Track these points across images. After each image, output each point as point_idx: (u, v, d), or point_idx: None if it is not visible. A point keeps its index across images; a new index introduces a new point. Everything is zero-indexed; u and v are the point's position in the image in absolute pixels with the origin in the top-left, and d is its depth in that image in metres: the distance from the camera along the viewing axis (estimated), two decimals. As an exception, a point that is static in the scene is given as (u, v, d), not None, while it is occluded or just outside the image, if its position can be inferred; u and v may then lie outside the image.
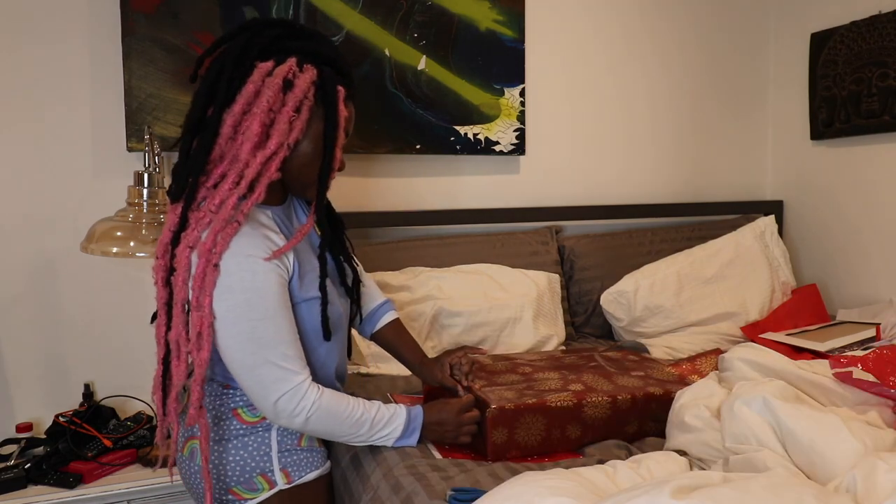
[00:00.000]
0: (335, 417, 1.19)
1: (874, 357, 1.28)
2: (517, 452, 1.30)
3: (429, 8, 2.09)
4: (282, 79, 1.12)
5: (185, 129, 1.16)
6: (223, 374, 1.23)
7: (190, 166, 1.14)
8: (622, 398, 1.36)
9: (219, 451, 1.22)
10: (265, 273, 1.13)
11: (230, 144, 1.14)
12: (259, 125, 1.11)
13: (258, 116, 1.11)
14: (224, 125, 1.13)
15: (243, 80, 1.13)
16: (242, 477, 1.21)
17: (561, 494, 0.93)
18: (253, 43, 1.14)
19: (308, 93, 1.15)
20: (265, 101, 1.11)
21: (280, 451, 1.23)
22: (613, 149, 2.47)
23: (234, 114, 1.12)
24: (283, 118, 1.13)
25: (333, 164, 1.21)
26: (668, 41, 2.51)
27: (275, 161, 1.13)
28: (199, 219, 1.13)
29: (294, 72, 1.14)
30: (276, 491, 1.22)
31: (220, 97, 1.13)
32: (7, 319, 1.81)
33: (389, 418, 1.26)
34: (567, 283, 2.24)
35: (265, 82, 1.12)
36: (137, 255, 1.62)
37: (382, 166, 2.16)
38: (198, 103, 1.15)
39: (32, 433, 1.77)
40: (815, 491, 0.88)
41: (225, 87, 1.13)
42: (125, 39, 1.79)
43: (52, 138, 1.82)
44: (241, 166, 1.12)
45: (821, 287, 2.40)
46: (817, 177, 2.50)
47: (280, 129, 1.13)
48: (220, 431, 1.22)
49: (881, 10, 2.20)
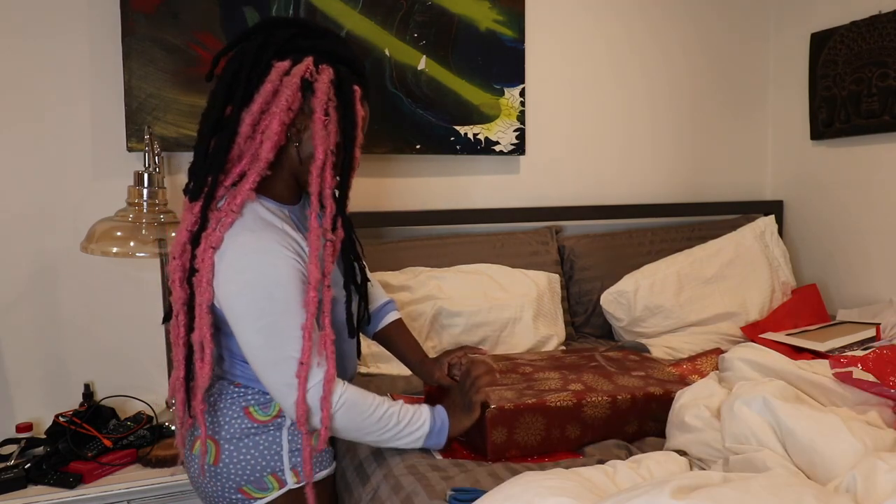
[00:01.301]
0: (362, 413, 1.16)
1: (874, 357, 1.28)
2: (517, 452, 1.30)
3: (429, 8, 2.09)
4: (300, 78, 1.13)
5: (203, 128, 1.17)
6: (243, 374, 1.23)
7: (209, 165, 1.15)
8: (622, 398, 1.36)
9: (229, 450, 1.21)
10: (286, 267, 1.12)
11: (249, 143, 1.15)
12: (279, 124, 1.12)
13: (277, 115, 1.12)
14: (243, 124, 1.14)
15: (261, 79, 1.14)
16: (253, 476, 1.21)
17: (561, 494, 0.93)
18: (269, 42, 1.15)
19: (330, 94, 1.15)
20: (284, 101, 1.12)
21: (290, 451, 1.23)
22: (613, 149, 2.47)
23: (252, 113, 1.14)
24: (318, 126, 1.14)
25: (354, 164, 1.22)
26: (668, 41, 2.51)
27: (327, 170, 1.15)
28: (219, 218, 1.13)
29: (311, 71, 1.14)
30: (285, 490, 1.22)
31: (237, 97, 1.14)
32: (7, 319, 1.81)
33: (413, 416, 1.23)
34: (567, 283, 2.24)
35: (283, 81, 1.13)
36: (137, 255, 1.63)
37: (382, 166, 2.17)
38: (216, 103, 1.16)
39: (32, 433, 1.77)
40: (815, 491, 0.88)
41: (243, 87, 1.14)
42: (125, 39, 1.79)
43: (52, 138, 1.82)
44: (263, 165, 1.13)
45: (821, 287, 2.40)
46: (817, 177, 2.50)
47: (320, 138, 1.14)
48: (230, 430, 1.22)
49: (881, 10, 2.20)
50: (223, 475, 1.21)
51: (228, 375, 1.25)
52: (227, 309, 1.13)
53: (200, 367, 1.15)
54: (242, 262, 1.10)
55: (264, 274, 1.10)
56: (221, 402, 1.24)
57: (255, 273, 1.10)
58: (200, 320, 1.14)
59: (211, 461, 1.21)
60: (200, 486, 1.26)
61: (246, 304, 1.10)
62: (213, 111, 1.16)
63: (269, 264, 1.11)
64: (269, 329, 1.11)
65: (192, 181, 1.16)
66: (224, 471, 1.21)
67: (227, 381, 1.25)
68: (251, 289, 1.10)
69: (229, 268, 1.11)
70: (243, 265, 1.10)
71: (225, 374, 1.26)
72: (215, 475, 1.22)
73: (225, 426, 1.22)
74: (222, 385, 1.25)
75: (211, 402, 1.24)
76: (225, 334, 1.21)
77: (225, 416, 1.22)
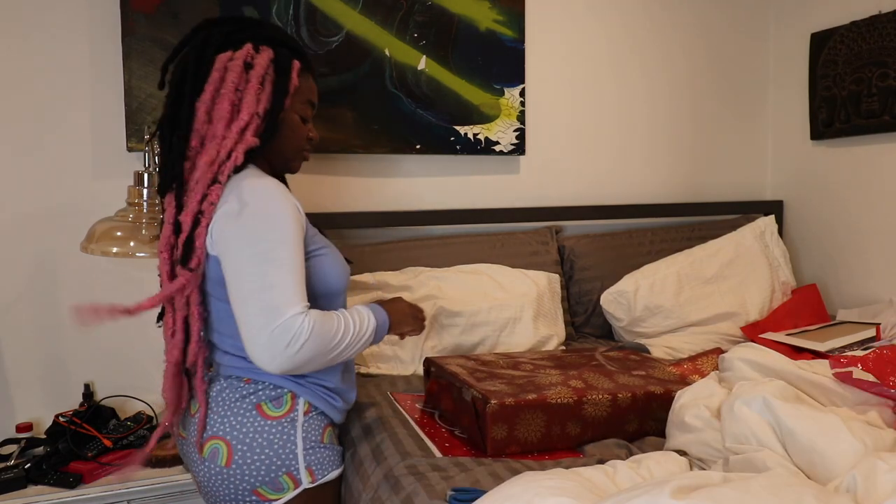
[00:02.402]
0: (326, 338, 1.14)
1: (874, 357, 1.28)
2: (517, 449, 1.30)
3: (429, 8, 2.09)
4: (242, 61, 1.21)
5: (162, 128, 1.25)
6: (252, 367, 1.23)
7: (174, 157, 1.21)
8: (622, 396, 1.36)
9: (242, 451, 1.20)
10: (288, 203, 1.18)
11: (207, 129, 1.21)
12: (228, 104, 1.20)
13: (227, 97, 1.20)
14: (198, 112, 1.21)
15: (207, 71, 1.21)
16: (268, 477, 1.20)
17: (561, 494, 0.93)
18: (209, 41, 1.24)
19: (268, 70, 1.23)
20: (230, 83, 1.20)
21: (305, 448, 1.23)
22: (613, 148, 2.47)
23: (204, 101, 1.20)
24: (250, 93, 1.21)
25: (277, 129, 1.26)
26: (668, 41, 2.51)
27: (249, 130, 1.20)
28: (190, 199, 1.18)
29: (252, 54, 1.23)
30: (301, 490, 1.22)
31: (188, 91, 1.21)
32: (7, 319, 1.81)
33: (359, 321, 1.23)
34: (567, 283, 2.24)
35: (228, 67, 1.21)
36: (137, 255, 1.62)
37: (382, 166, 2.17)
38: (169, 102, 1.24)
39: (32, 433, 1.77)
40: (815, 491, 0.88)
41: (191, 82, 1.21)
42: (125, 39, 1.79)
43: (52, 138, 1.82)
44: (219, 140, 1.20)
45: (821, 287, 2.40)
46: (817, 177, 2.50)
47: (249, 102, 1.21)
48: (242, 429, 1.21)
49: (881, 10, 2.20)
50: (237, 477, 1.20)
51: (236, 372, 1.25)
52: (225, 240, 1.15)
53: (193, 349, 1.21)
54: (247, 196, 1.15)
55: (267, 206, 1.15)
56: (231, 400, 1.22)
57: (260, 204, 1.15)
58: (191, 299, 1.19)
59: (223, 463, 1.20)
60: (211, 490, 1.23)
61: (247, 230, 1.14)
62: (168, 110, 1.24)
63: (274, 199, 1.16)
64: (263, 256, 1.12)
65: (160, 177, 1.25)
66: (237, 472, 1.19)
67: (236, 378, 1.25)
68: (254, 216, 1.14)
69: (235, 201, 1.15)
70: (248, 198, 1.15)
71: (231, 372, 1.25)
72: (228, 478, 1.20)
73: (237, 425, 1.21)
74: (231, 382, 1.24)
75: (220, 401, 1.23)
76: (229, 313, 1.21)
77: (236, 415, 1.21)
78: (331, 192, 2.10)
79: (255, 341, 1.10)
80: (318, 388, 1.27)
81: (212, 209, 1.16)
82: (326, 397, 1.28)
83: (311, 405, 1.26)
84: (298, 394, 1.25)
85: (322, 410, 1.28)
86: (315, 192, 2.07)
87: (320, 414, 1.28)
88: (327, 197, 2.10)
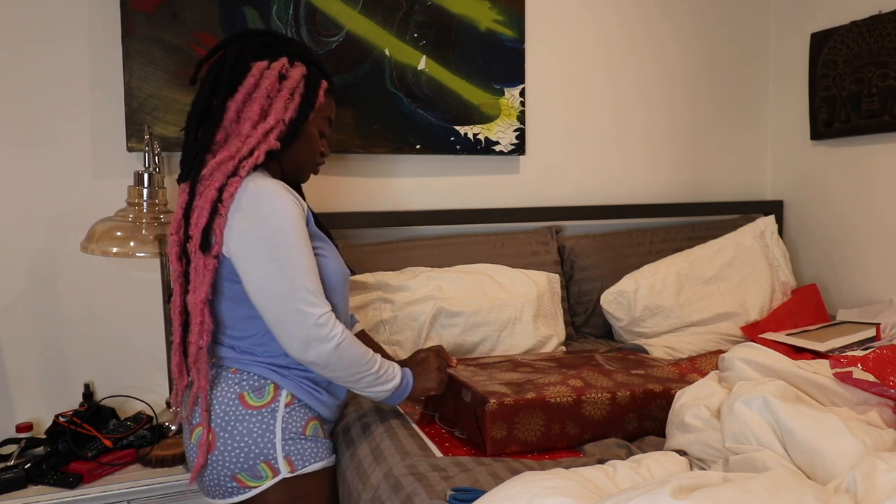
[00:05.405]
0: (355, 352, 1.24)
1: (874, 357, 1.28)
2: (516, 448, 1.30)
3: (429, 8, 2.09)
4: (277, 72, 1.30)
5: (190, 119, 1.30)
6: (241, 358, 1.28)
7: (197, 147, 1.28)
8: (621, 395, 1.37)
9: (223, 437, 1.24)
10: (295, 208, 1.24)
11: (234, 127, 1.28)
12: (259, 107, 1.27)
13: (258, 101, 1.27)
14: (228, 111, 1.28)
15: (243, 75, 1.29)
16: (246, 463, 1.24)
17: (561, 494, 0.93)
18: (247, 48, 1.31)
19: (300, 83, 1.32)
20: (264, 89, 1.28)
21: (284, 439, 1.26)
22: (613, 149, 2.47)
23: (237, 102, 1.28)
24: (280, 101, 1.29)
25: (299, 138, 1.33)
26: (668, 41, 2.51)
27: (273, 133, 1.28)
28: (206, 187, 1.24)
29: (286, 67, 1.31)
30: (279, 479, 1.24)
31: (222, 91, 1.28)
32: (7, 319, 1.81)
33: (388, 370, 1.32)
34: (567, 283, 2.24)
35: (263, 74, 1.29)
36: (137, 255, 1.63)
37: (382, 166, 2.17)
38: (201, 98, 1.30)
39: (32, 433, 1.77)
40: (815, 491, 0.88)
41: (226, 82, 1.28)
42: (125, 39, 1.79)
43: (52, 138, 1.82)
44: (243, 138, 1.27)
45: (821, 287, 2.40)
46: (817, 177, 2.50)
47: (277, 109, 1.29)
48: (225, 417, 1.25)
49: (881, 10, 2.20)
50: (218, 462, 1.24)
51: (225, 362, 1.30)
52: (239, 248, 1.20)
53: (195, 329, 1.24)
54: (255, 202, 1.21)
55: (276, 211, 1.21)
56: (217, 389, 1.27)
57: (268, 209, 1.21)
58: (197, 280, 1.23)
59: (207, 449, 1.25)
60: (200, 476, 1.28)
61: (261, 238, 1.19)
62: (198, 104, 1.30)
63: (281, 203, 1.22)
64: (286, 260, 1.20)
65: (181, 165, 1.29)
66: (219, 458, 1.24)
67: (224, 367, 1.30)
68: (265, 223, 1.20)
69: (244, 206, 1.20)
70: (256, 203, 1.20)
71: (221, 361, 1.30)
72: (211, 463, 1.25)
73: (221, 413, 1.25)
74: (218, 372, 1.29)
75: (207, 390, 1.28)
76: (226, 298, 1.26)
77: (220, 404, 1.26)
78: (331, 192, 2.10)
79: (293, 335, 1.20)
80: (303, 380, 1.32)
81: (230, 200, 1.21)
82: (311, 390, 1.32)
83: (294, 397, 1.30)
84: (282, 385, 1.29)
85: (306, 403, 1.32)
86: (315, 192, 2.07)
87: (304, 406, 1.32)
88: (327, 197, 2.10)
